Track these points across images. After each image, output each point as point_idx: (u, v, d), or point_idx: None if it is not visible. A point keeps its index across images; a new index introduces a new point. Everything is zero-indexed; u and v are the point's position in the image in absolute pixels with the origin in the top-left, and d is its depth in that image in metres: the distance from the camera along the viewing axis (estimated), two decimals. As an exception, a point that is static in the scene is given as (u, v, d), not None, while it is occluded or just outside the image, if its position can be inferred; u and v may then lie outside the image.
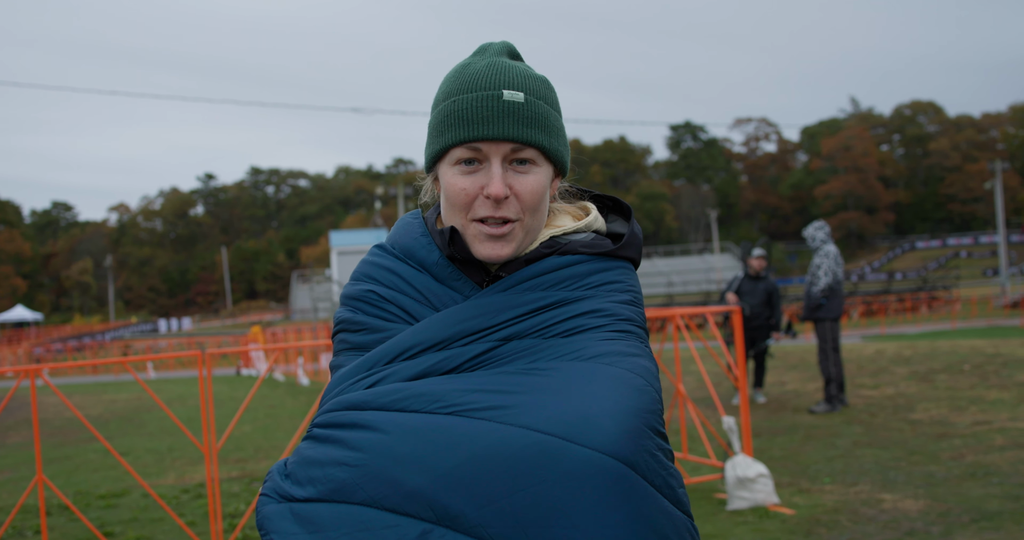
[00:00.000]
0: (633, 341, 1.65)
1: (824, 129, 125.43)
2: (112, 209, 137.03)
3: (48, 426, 15.36)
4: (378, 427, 1.51)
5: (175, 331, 78.96)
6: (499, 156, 1.61)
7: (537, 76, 1.69)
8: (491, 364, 1.60)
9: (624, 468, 1.43)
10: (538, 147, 1.63)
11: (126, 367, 6.12)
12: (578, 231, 1.78)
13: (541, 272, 1.69)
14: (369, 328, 1.72)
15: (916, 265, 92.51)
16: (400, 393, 1.55)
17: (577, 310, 1.65)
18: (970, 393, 11.96)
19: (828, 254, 11.86)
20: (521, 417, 1.46)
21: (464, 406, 1.50)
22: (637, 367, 1.57)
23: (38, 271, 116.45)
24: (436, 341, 1.63)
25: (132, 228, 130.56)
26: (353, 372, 1.66)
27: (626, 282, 1.74)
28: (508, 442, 1.44)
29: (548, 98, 1.69)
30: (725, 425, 6.99)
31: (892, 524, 6.12)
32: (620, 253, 1.77)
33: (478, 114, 1.61)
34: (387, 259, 1.79)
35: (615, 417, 1.46)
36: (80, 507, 8.09)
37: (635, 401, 1.50)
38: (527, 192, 1.63)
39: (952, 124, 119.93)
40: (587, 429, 1.44)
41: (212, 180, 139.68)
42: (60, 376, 33.29)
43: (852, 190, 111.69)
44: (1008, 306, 41.18)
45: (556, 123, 1.69)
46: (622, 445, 1.44)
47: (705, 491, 7.48)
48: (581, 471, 1.41)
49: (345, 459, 1.49)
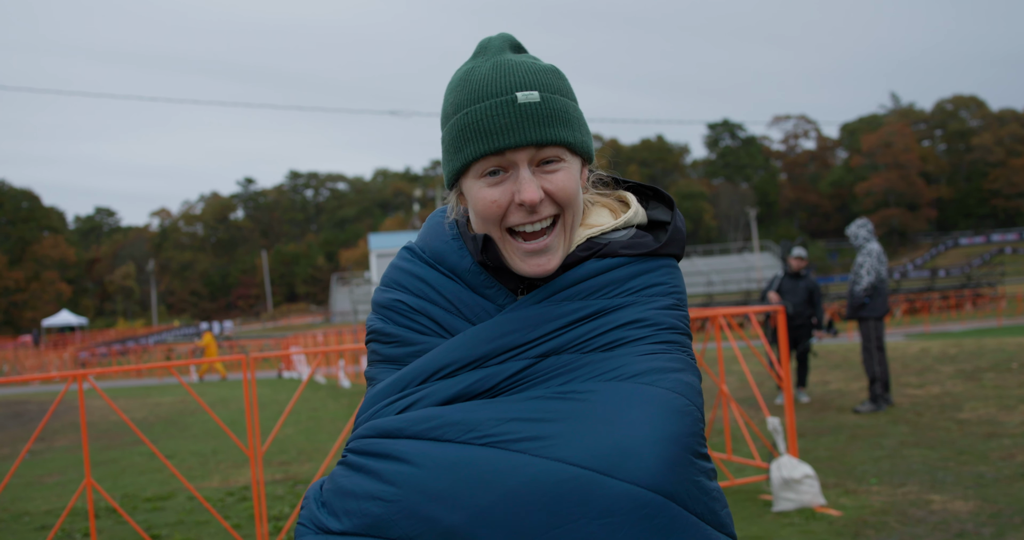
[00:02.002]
0: (676, 353, 1.59)
1: (864, 125, 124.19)
2: (154, 214, 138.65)
3: (94, 429, 15.55)
4: (411, 460, 1.47)
5: (217, 335, 79.72)
6: (525, 161, 1.56)
7: (546, 68, 1.62)
8: (528, 383, 1.55)
9: (664, 501, 1.40)
10: (564, 144, 1.58)
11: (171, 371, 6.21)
12: (616, 229, 1.71)
13: (579, 279, 1.63)
14: (400, 340, 1.68)
15: (960, 262, 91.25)
16: (434, 421, 1.51)
17: (618, 321, 1.59)
18: (1019, 392, 11.78)
19: (871, 252, 11.72)
20: (558, 449, 1.42)
21: (499, 437, 1.45)
22: (679, 385, 1.52)
23: (82, 276, 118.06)
24: (472, 359, 1.58)
25: (174, 233, 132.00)
26: (387, 392, 1.62)
27: (669, 283, 1.67)
28: (545, 477, 1.40)
29: (562, 89, 1.62)
30: (770, 426, 6.93)
31: (942, 525, 6.03)
32: (663, 251, 1.70)
33: (496, 123, 1.54)
34: (416, 265, 1.73)
35: (655, 447, 1.42)
36: (127, 510, 8.18)
37: (676, 426, 1.46)
38: (560, 190, 1.58)
39: (995, 118, 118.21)
40: (625, 462, 1.40)
41: (252, 184, 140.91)
42: (104, 380, 33.71)
43: (893, 187, 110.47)
44: (1055, 303, 40.48)
45: (575, 113, 1.62)
46: (662, 477, 1.41)
47: (750, 492, 7.42)
48: (620, 507, 1.38)
49: (379, 493, 1.46)
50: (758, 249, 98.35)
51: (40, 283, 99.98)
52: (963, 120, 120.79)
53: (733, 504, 7.00)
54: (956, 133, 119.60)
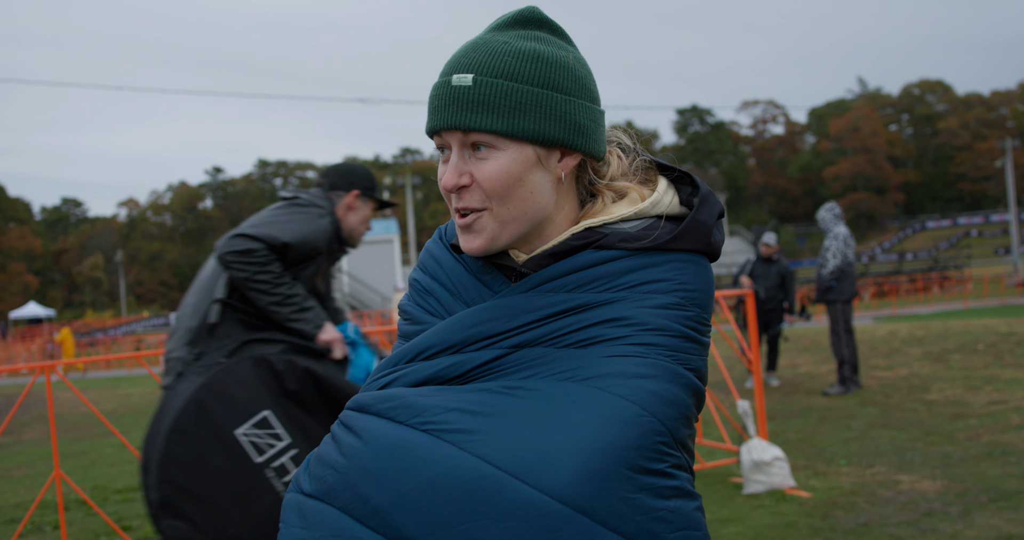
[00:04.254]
0: (653, 358, 1.47)
1: (832, 110, 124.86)
2: (121, 204, 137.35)
3: (63, 421, 15.42)
4: (363, 436, 1.49)
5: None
6: (457, 144, 1.53)
7: (515, 50, 1.52)
8: (498, 373, 1.52)
9: (573, 513, 1.34)
10: (487, 131, 1.49)
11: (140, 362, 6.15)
12: (626, 219, 1.60)
13: (569, 270, 1.56)
14: (412, 318, 1.70)
15: (927, 245, 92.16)
16: (394, 401, 1.51)
17: (597, 317, 1.51)
18: (985, 372, 11.93)
19: (838, 236, 11.81)
20: (480, 445, 1.40)
21: (437, 425, 1.44)
22: (637, 393, 1.42)
23: (49, 268, 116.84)
24: (451, 344, 1.57)
25: (142, 223, 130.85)
26: (383, 366, 1.65)
27: (675, 280, 1.54)
28: (460, 471, 1.38)
29: (520, 74, 1.50)
30: (740, 409, 6.97)
31: (910, 505, 6.10)
32: (674, 246, 1.57)
33: (433, 102, 1.54)
34: (436, 245, 1.75)
35: (578, 456, 1.36)
36: (98, 502, 8.12)
37: (613, 437, 1.38)
38: (485, 179, 1.51)
39: (961, 102, 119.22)
40: (539, 467, 1.36)
41: (220, 173, 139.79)
42: (74, 372, 33.42)
43: (861, 171, 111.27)
44: (1020, 284, 41.00)
45: (521, 98, 1.49)
46: (577, 489, 1.35)
47: (721, 475, 7.47)
48: (523, 513, 1.34)
49: (335, 464, 1.49)
50: (728, 234, 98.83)
51: (6, 275, 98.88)
52: (929, 104, 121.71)
53: (703, 487, 7.06)
54: (923, 117, 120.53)
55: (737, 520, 6.06)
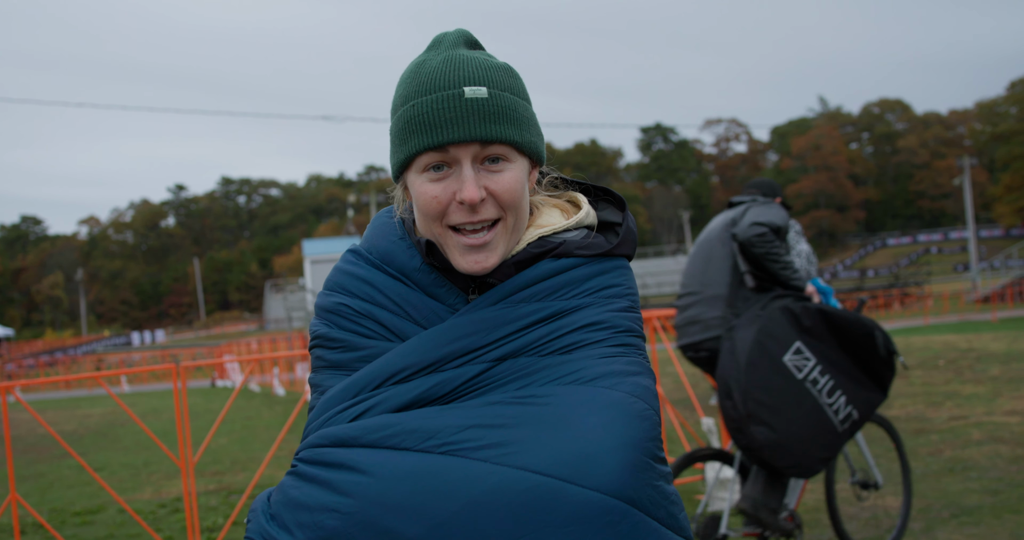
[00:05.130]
0: (632, 356, 1.57)
1: (794, 128, 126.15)
2: (82, 222, 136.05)
3: (21, 443, 15.18)
4: (367, 470, 1.42)
5: (148, 344, 78.35)
6: (469, 158, 1.51)
7: (499, 65, 1.58)
8: (485, 388, 1.51)
9: (627, 507, 1.38)
10: (509, 143, 1.53)
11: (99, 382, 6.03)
12: (568, 229, 1.67)
13: (535, 279, 1.58)
14: (346, 345, 1.62)
15: (887, 262, 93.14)
16: (390, 428, 1.46)
17: (576, 323, 1.56)
18: (945, 388, 12.04)
19: (800, 253, 11.87)
20: (520, 457, 1.39)
21: (459, 445, 1.41)
22: (638, 389, 1.50)
23: (8, 286, 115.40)
24: (428, 363, 1.53)
25: (103, 241, 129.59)
26: (339, 398, 1.56)
27: (624, 285, 1.65)
28: (507, 486, 1.36)
29: (514, 88, 1.57)
30: (704, 426, 6.99)
31: (873, 521, 6.13)
32: (617, 251, 1.67)
33: (440, 116, 1.50)
34: (361, 267, 1.67)
35: (617, 453, 1.40)
36: (55, 525, 7.99)
37: (636, 431, 1.44)
38: (504, 191, 1.53)
39: (920, 121, 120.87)
40: (588, 468, 1.38)
41: (183, 191, 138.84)
42: (32, 392, 32.94)
43: (823, 189, 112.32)
44: (979, 301, 41.47)
45: (525, 113, 1.58)
46: (624, 483, 1.39)
47: (686, 493, 7.47)
48: (583, 514, 1.36)
49: (334, 505, 1.41)
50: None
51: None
52: (889, 123, 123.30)
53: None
54: (883, 136, 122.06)
55: (702, 538, 6.05)
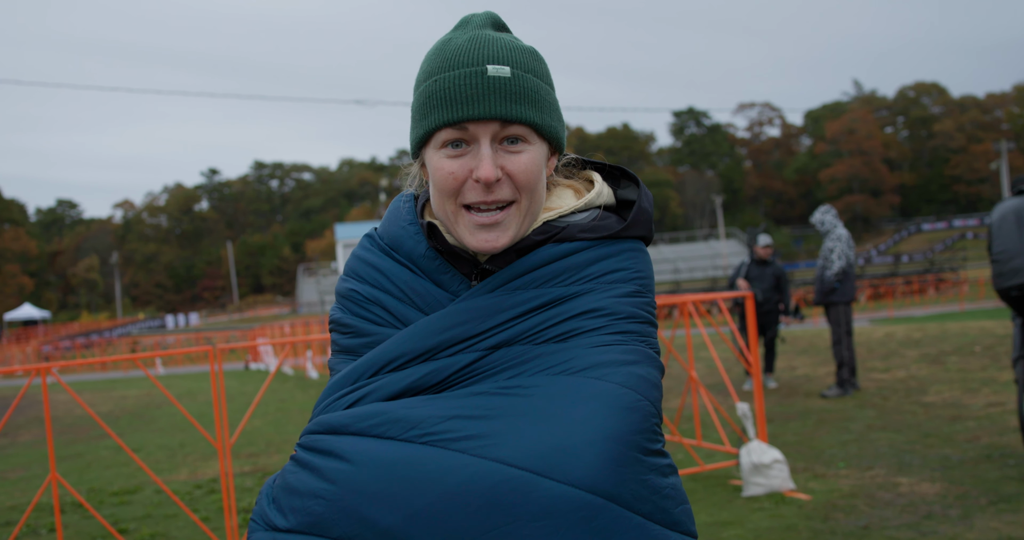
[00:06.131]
0: (632, 344, 1.52)
1: (828, 112, 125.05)
2: (117, 206, 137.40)
3: (58, 424, 15.38)
4: (350, 458, 1.43)
5: (182, 327, 79.08)
6: (488, 136, 1.50)
7: (524, 47, 1.57)
8: (479, 376, 1.50)
9: (604, 502, 1.35)
10: (529, 124, 1.51)
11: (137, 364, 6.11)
12: (577, 210, 1.64)
13: (534, 266, 1.56)
14: (355, 331, 1.64)
15: (922, 247, 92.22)
16: (378, 417, 1.46)
17: (573, 310, 1.53)
18: (982, 375, 11.92)
19: (840, 237, 11.80)
20: (496, 449, 1.38)
21: (440, 435, 1.41)
22: (630, 379, 1.46)
23: (44, 269, 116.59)
24: (422, 351, 1.53)
25: (137, 224, 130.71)
26: (340, 384, 1.58)
27: (632, 268, 1.60)
28: (481, 478, 1.36)
29: (537, 71, 1.56)
30: (739, 411, 6.96)
31: (910, 508, 6.08)
32: (626, 233, 1.63)
33: (462, 93, 1.49)
34: (372, 253, 1.69)
35: (596, 447, 1.37)
36: (94, 504, 8.09)
37: (621, 424, 1.40)
38: (521, 172, 1.51)
39: (956, 105, 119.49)
40: (564, 462, 1.36)
41: (216, 175, 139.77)
42: (69, 374, 33.35)
43: (857, 173, 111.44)
44: (1016, 287, 40.91)
45: (547, 97, 1.56)
46: (603, 477, 1.36)
47: (720, 478, 7.45)
48: (557, 509, 1.34)
49: (320, 491, 1.43)
50: (724, 236, 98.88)
51: (1, 276, 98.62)
52: (925, 107, 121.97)
53: (703, 489, 7.04)
54: (918, 120, 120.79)
55: (737, 523, 6.05)
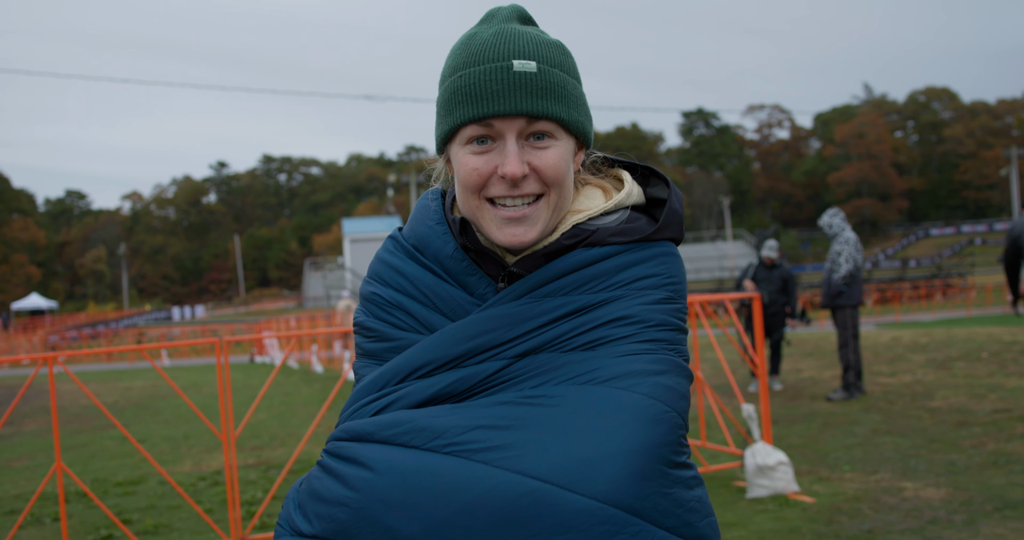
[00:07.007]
0: (661, 353, 1.50)
1: (837, 116, 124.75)
2: (125, 197, 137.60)
3: (64, 413, 15.40)
4: (374, 466, 1.42)
5: (188, 319, 79.20)
6: (514, 132, 1.49)
7: (551, 41, 1.54)
8: (505, 384, 1.48)
9: (627, 517, 1.34)
10: (556, 119, 1.49)
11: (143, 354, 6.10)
12: (607, 212, 1.61)
13: (563, 271, 1.54)
14: (379, 335, 1.62)
15: (930, 252, 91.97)
16: (403, 426, 1.45)
17: (601, 318, 1.50)
18: (989, 381, 11.88)
19: (848, 240, 11.78)
20: (519, 461, 1.36)
21: (463, 445, 1.39)
22: (658, 390, 1.44)
23: (52, 259, 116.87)
24: (449, 359, 1.51)
25: (145, 216, 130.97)
26: (367, 390, 1.57)
27: (663, 274, 1.57)
28: (503, 490, 1.34)
29: (564, 65, 1.54)
30: (744, 412, 6.95)
31: (914, 512, 6.07)
32: (658, 236, 1.60)
33: (487, 88, 1.47)
34: (395, 256, 1.66)
35: (620, 460, 1.36)
36: (98, 494, 8.10)
37: (647, 436, 1.39)
38: (548, 167, 1.50)
39: (967, 110, 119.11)
40: (587, 475, 1.34)
41: (224, 168, 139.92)
42: (75, 364, 33.43)
43: (866, 177, 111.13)
44: (1024, 293, 40.87)
45: (574, 92, 1.54)
46: (626, 491, 1.34)
47: (724, 479, 7.44)
48: (579, 523, 1.32)
49: (344, 499, 1.42)
50: (731, 238, 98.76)
51: (9, 266, 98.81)
52: (935, 112, 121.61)
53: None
54: (928, 124, 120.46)
55: (740, 524, 6.04)
